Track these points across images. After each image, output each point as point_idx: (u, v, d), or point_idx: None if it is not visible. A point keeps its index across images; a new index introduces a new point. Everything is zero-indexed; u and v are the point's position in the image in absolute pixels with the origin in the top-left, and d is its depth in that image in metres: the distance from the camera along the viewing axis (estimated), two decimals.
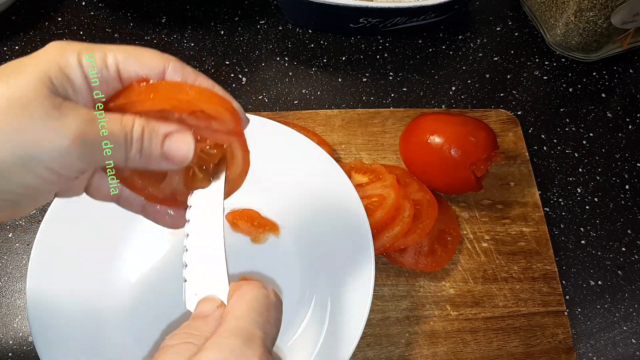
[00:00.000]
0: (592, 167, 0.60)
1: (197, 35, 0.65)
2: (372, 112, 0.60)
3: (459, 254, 0.53)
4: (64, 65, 0.28)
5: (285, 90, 0.62)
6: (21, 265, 0.51)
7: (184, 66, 0.31)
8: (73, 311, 0.45)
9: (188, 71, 0.31)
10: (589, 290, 0.53)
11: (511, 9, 0.70)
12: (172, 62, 0.30)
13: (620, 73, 0.66)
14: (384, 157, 0.57)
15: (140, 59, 0.30)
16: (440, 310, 0.50)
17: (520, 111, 0.63)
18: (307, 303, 0.47)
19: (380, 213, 0.49)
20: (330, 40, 0.66)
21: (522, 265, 0.53)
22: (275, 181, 0.51)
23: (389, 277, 0.51)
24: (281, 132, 0.51)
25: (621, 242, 0.56)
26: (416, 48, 0.66)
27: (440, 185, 0.53)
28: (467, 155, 0.49)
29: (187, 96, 0.30)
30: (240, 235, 0.50)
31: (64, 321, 0.44)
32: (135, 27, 0.65)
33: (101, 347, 0.44)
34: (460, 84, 0.64)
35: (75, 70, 0.28)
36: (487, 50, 0.67)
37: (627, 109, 0.63)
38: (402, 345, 0.49)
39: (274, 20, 0.67)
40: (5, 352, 0.48)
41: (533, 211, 0.55)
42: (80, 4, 0.66)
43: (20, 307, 0.50)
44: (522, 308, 0.51)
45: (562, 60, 0.66)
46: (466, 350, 0.49)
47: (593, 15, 0.58)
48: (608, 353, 0.50)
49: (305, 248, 0.49)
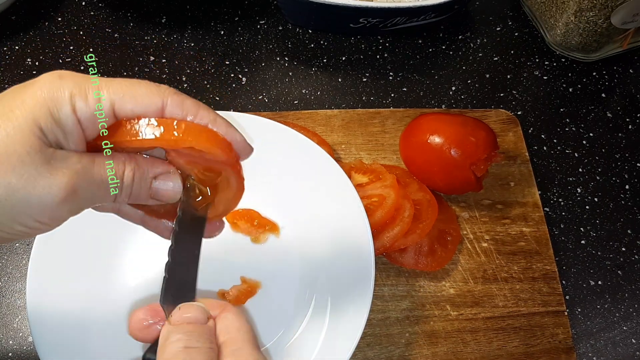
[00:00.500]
0: (592, 167, 0.60)
1: (197, 35, 0.65)
2: (372, 112, 0.60)
3: (459, 254, 0.53)
4: (54, 109, 0.27)
5: (285, 90, 0.62)
6: (21, 265, 0.51)
7: (184, 99, 0.29)
8: (73, 311, 0.45)
9: (188, 105, 0.29)
10: (589, 290, 0.53)
11: (511, 9, 0.70)
12: (170, 97, 0.29)
13: (620, 73, 0.66)
14: (384, 157, 0.57)
15: (135, 97, 0.28)
16: (440, 310, 0.50)
17: (520, 111, 0.63)
18: (307, 303, 0.47)
19: (380, 213, 0.49)
20: (330, 40, 0.66)
21: (522, 265, 0.53)
22: (275, 181, 0.51)
23: (389, 277, 0.51)
24: (281, 132, 0.51)
25: (621, 242, 0.56)
26: (416, 48, 0.66)
27: (440, 185, 0.53)
28: (467, 155, 0.49)
29: (175, 136, 0.29)
30: (240, 235, 0.50)
31: (64, 321, 0.44)
32: (135, 27, 0.65)
33: (101, 347, 0.44)
34: (460, 84, 0.64)
35: (68, 116, 0.27)
36: (487, 50, 0.67)
37: (627, 109, 0.63)
38: (402, 345, 0.49)
39: (274, 20, 0.67)
40: (5, 352, 0.48)
41: (533, 211, 0.55)
42: (80, 4, 0.66)
43: (20, 307, 0.50)
44: (522, 308, 0.51)
45: (562, 60, 0.66)
46: (466, 350, 0.49)
47: (593, 15, 0.58)
48: (608, 353, 0.50)
49: (305, 248, 0.49)
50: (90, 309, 0.45)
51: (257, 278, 0.49)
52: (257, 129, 0.50)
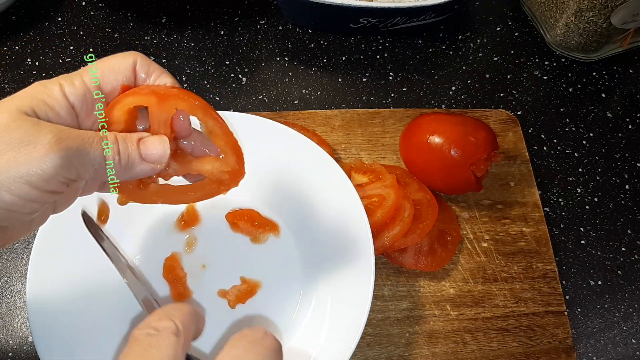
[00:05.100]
0: (592, 167, 0.60)
1: (197, 35, 0.65)
2: (372, 112, 0.60)
3: (459, 254, 0.53)
4: (45, 93, 0.28)
5: (285, 90, 0.62)
6: (21, 265, 0.51)
7: (150, 62, 0.33)
8: (73, 311, 0.45)
9: (155, 67, 0.33)
10: (589, 290, 0.53)
11: (511, 9, 0.70)
12: (139, 58, 0.32)
13: (620, 73, 0.66)
14: (384, 157, 0.57)
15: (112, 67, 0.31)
16: (440, 310, 0.50)
17: (520, 111, 0.63)
18: (307, 303, 0.47)
19: (380, 213, 0.49)
20: (330, 40, 0.66)
21: (522, 265, 0.53)
22: (275, 181, 0.51)
23: (389, 277, 0.51)
24: (281, 132, 0.51)
25: (621, 242, 0.56)
26: (416, 48, 0.66)
27: (440, 185, 0.53)
28: (467, 155, 0.49)
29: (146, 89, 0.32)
30: (240, 235, 0.50)
31: (63, 321, 0.44)
32: (135, 27, 0.65)
33: (101, 347, 0.44)
34: (460, 84, 0.64)
35: (58, 97, 0.29)
36: (487, 50, 0.67)
37: (627, 109, 0.63)
38: (402, 345, 0.49)
39: (274, 20, 0.67)
40: (5, 352, 0.48)
41: (533, 211, 0.55)
42: (80, 4, 0.66)
43: (20, 307, 0.50)
44: (522, 308, 0.51)
45: (562, 60, 0.66)
46: (466, 350, 0.49)
47: (593, 15, 0.58)
48: (608, 353, 0.50)
49: (305, 248, 0.49)
50: (90, 308, 0.45)
51: (257, 278, 0.49)
52: (257, 129, 0.50)
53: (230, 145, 0.34)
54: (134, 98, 0.31)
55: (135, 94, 0.32)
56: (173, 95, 0.32)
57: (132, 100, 0.31)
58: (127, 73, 0.31)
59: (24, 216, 0.28)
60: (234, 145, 0.34)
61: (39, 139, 0.26)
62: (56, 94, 0.28)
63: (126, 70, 0.31)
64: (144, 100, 0.32)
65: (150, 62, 0.32)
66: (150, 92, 0.31)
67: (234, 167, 0.34)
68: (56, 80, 0.29)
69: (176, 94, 0.32)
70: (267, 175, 0.50)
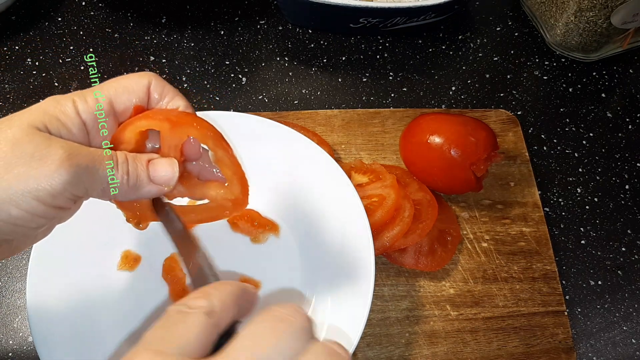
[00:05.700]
0: (592, 167, 0.60)
1: (197, 35, 0.65)
2: (372, 112, 0.60)
3: (459, 254, 0.53)
4: (57, 109, 0.28)
5: (285, 90, 0.62)
6: (21, 266, 0.51)
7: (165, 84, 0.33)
8: (73, 311, 0.45)
9: (169, 89, 0.33)
10: (589, 290, 0.53)
11: (511, 9, 0.70)
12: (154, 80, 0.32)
13: (620, 73, 0.66)
14: (384, 157, 0.57)
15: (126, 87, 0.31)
16: (440, 310, 0.50)
17: (520, 111, 0.63)
18: (307, 303, 0.47)
19: (380, 213, 0.49)
20: (330, 40, 0.66)
21: (522, 265, 0.53)
22: (275, 181, 0.51)
23: (389, 277, 0.51)
24: (281, 132, 0.51)
25: (621, 242, 0.56)
26: (416, 48, 0.66)
27: (440, 185, 0.53)
28: (467, 155, 0.49)
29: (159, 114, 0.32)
30: (240, 235, 0.50)
31: (63, 321, 0.44)
32: (135, 27, 0.65)
33: (101, 347, 0.44)
34: (460, 84, 0.64)
35: (71, 114, 0.29)
36: (487, 50, 0.67)
37: (627, 109, 0.63)
38: (402, 345, 0.49)
39: (274, 20, 0.67)
40: (5, 352, 0.48)
41: (533, 211, 0.55)
42: (80, 4, 0.66)
43: (20, 307, 0.50)
44: (522, 308, 0.51)
45: (562, 60, 0.66)
46: (466, 350, 0.49)
47: (593, 15, 0.58)
48: (608, 353, 0.50)
49: (305, 248, 0.49)
50: (90, 308, 0.45)
51: (257, 278, 0.49)
52: (257, 129, 0.50)
53: (238, 176, 0.34)
54: (147, 122, 0.32)
55: (148, 117, 0.32)
56: (186, 123, 0.32)
57: (145, 123, 0.32)
58: (140, 94, 0.32)
59: (30, 230, 0.28)
60: (240, 176, 0.34)
61: (50, 154, 0.26)
62: (69, 110, 0.29)
63: (140, 91, 0.32)
64: (157, 125, 0.32)
65: (165, 84, 0.32)
66: (164, 118, 0.32)
67: (237, 197, 0.34)
68: (69, 97, 0.29)
69: (189, 122, 0.32)
70: (267, 176, 0.50)
